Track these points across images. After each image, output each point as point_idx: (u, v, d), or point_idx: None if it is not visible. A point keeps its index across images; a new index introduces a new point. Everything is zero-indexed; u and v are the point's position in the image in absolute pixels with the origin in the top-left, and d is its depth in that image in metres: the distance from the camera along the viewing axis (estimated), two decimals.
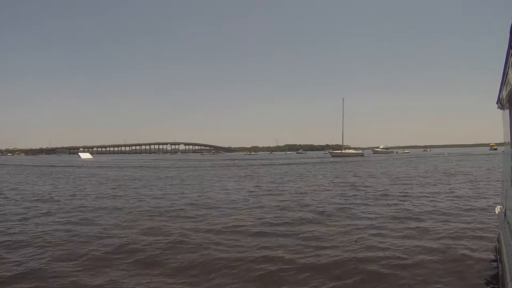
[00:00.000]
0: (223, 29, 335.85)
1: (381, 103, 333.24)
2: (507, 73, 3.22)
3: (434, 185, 15.56)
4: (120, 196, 13.21)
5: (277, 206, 10.28)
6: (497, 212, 5.19)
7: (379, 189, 14.14)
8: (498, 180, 14.46)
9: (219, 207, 10.24)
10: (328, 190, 14.44)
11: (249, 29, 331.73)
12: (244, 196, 12.81)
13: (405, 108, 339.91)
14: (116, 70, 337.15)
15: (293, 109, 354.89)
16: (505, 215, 4.37)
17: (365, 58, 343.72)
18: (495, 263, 4.75)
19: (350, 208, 9.78)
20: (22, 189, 16.07)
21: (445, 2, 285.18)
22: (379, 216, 8.54)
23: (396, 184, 16.07)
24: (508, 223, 3.95)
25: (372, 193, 12.87)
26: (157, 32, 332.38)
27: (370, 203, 10.54)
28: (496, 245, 5.07)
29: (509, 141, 4.42)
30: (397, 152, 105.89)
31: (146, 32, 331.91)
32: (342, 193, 13.07)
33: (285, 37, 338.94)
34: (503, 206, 4.83)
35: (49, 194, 13.98)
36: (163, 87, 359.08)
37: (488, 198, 11.05)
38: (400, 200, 10.99)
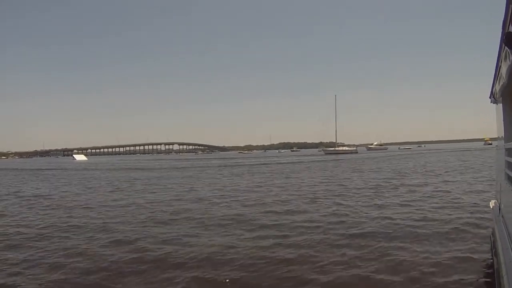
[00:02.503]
0: (199, 24, 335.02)
1: (375, 99, 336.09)
2: (499, 67, 3.20)
3: (430, 178, 15.66)
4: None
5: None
6: (491, 207, 5.22)
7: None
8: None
9: None
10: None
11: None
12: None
13: (400, 105, 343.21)
14: (109, 69, 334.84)
15: (288, 106, 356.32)
16: (499, 209, 4.38)
17: (360, 54, 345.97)
18: (491, 257, 4.77)
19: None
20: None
21: None
22: (365, 205, 8.59)
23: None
24: (502, 217, 3.96)
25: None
26: (147, 32, 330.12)
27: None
28: (491, 239, 5.09)
29: (503, 135, 4.42)
30: (399, 148, 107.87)
31: (135, 30, 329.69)
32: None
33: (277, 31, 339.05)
34: (497, 200, 4.86)
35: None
36: (156, 86, 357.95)
37: (483, 193, 11.12)
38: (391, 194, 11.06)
